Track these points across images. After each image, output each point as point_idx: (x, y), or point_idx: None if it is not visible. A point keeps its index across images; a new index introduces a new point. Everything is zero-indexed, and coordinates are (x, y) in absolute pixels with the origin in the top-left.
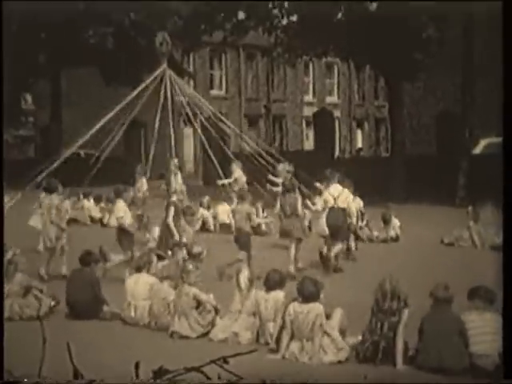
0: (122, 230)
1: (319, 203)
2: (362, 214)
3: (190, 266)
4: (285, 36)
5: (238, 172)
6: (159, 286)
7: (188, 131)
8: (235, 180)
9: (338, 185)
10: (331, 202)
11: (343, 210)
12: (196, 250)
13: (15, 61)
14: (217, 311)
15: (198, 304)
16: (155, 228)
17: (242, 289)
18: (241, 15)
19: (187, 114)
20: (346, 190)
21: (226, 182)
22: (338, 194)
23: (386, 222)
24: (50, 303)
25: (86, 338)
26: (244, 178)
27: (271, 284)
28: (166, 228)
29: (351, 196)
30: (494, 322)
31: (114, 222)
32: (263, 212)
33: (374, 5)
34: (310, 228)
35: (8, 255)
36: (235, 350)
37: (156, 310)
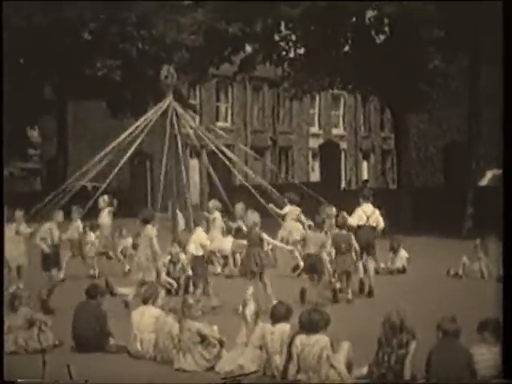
0: (197, 259)
1: (354, 219)
2: None
3: (191, 301)
4: (291, 70)
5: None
6: (164, 319)
7: (194, 163)
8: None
9: (370, 204)
10: (364, 220)
11: (374, 228)
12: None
13: (22, 93)
14: (221, 344)
15: (203, 338)
16: (161, 260)
17: (248, 322)
18: (248, 48)
19: (194, 146)
20: (376, 211)
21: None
22: (371, 213)
23: (394, 250)
24: (54, 341)
25: (92, 371)
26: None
27: (277, 316)
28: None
29: (380, 217)
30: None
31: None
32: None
33: (382, 37)
34: None
35: (11, 289)
36: None
37: (161, 344)
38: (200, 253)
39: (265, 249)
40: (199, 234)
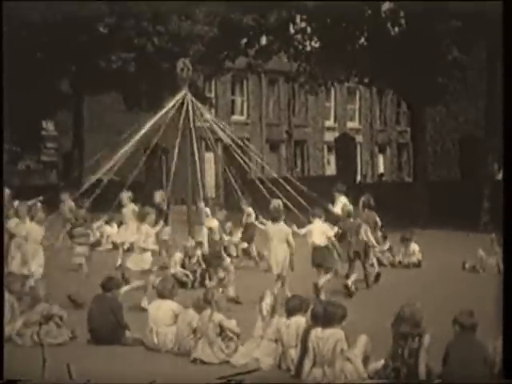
0: (321, 249)
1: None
2: (385, 238)
3: (218, 293)
4: (307, 64)
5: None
6: (183, 311)
7: (209, 156)
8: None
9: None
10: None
11: None
12: (219, 275)
13: (38, 87)
14: (238, 337)
15: (222, 330)
16: (177, 253)
17: (264, 315)
18: (263, 41)
19: (209, 140)
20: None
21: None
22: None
23: (404, 242)
24: (68, 334)
25: (108, 363)
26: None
27: (292, 309)
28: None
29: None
30: None
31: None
32: None
33: (397, 29)
34: None
35: (30, 282)
36: (256, 376)
37: (180, 336)
38: (324, 242)
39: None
40: (321, 224)
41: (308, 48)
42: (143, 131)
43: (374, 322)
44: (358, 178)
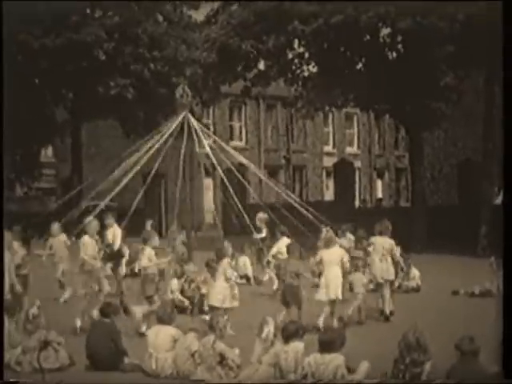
0: None
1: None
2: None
3: (221, 321)
4: (304, 89)
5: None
6: (182, 337)
7: (208, 182)
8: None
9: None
10: None
11: None
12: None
13: (36, 114)
14: (238, 368)
15: (222, 358)
16: (174, 280)
17: (265, 342)
18: (261, 66)
19: (207, 165)
20: None
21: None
22: None
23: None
24: (67, 361)
25: None
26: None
27: (288, 335)
28: None
29: None
30: None
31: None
32: None
33: (394, 54)
34: None
35: (33, 309)
36: None
37: (179, 361)
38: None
39: None
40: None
41: (305, 73)
42: (139, 156)
43: (374, 347)
44: (357, 203)
